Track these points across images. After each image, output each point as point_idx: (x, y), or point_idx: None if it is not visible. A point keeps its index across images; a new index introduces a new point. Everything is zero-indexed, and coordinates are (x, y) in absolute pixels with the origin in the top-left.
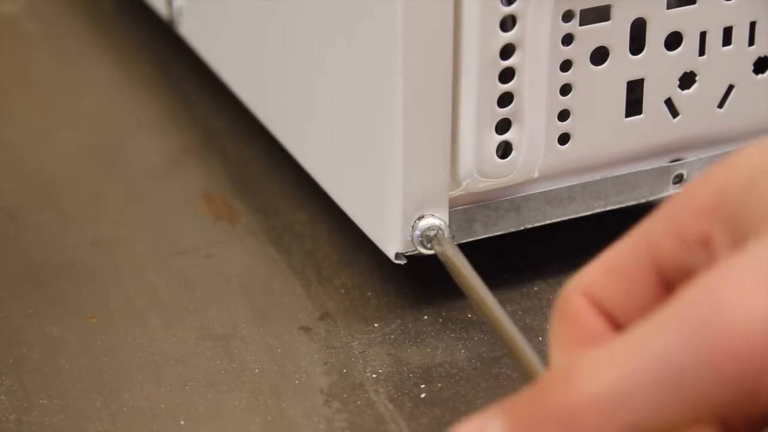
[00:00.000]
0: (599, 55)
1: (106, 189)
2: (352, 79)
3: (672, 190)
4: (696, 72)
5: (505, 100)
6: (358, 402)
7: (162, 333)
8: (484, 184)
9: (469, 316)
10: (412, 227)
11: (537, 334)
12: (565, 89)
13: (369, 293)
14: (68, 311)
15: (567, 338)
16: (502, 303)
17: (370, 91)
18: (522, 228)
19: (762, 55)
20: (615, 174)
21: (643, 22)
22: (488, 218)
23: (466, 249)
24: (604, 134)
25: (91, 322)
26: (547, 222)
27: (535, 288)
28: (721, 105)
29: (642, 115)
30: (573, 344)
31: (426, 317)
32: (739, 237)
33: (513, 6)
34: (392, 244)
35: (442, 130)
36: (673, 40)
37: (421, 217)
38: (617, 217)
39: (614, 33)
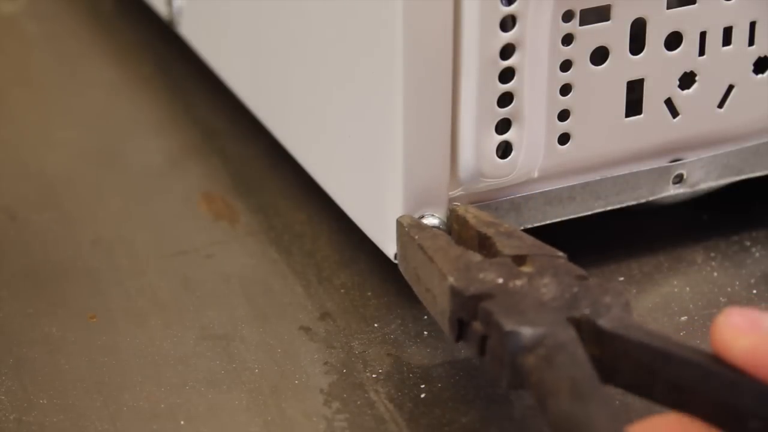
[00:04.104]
0: (599, 55)
1: (106, 189)
2: (352, 80)
3: (672, 190)
4: (696, 72)
5: (505, 100)
6: (358, 402)
7: (162, 333)
8: (484, 184)
9: None
10: None
11: None
12: (565, 89)
13: (369, 293)
14: (68, 311)
15: None
16: None
17: (370, 91)
18: (522, 228)
19: (762, 55)
20: (615, 174)
21: (643, 22)
22: None
23: None
24: (604, 134)
25: (91, 322)
26: (547, 222)
27: None
28: (721, 105)
29: (642, 115)
30: None
31: (426, 317)
32: None
33: (513, 6)
34: (392, 244)
35: (442, 130)
36: (673, 40)
37: (421, 217)
38: (617, 217)
39: (614, 33)
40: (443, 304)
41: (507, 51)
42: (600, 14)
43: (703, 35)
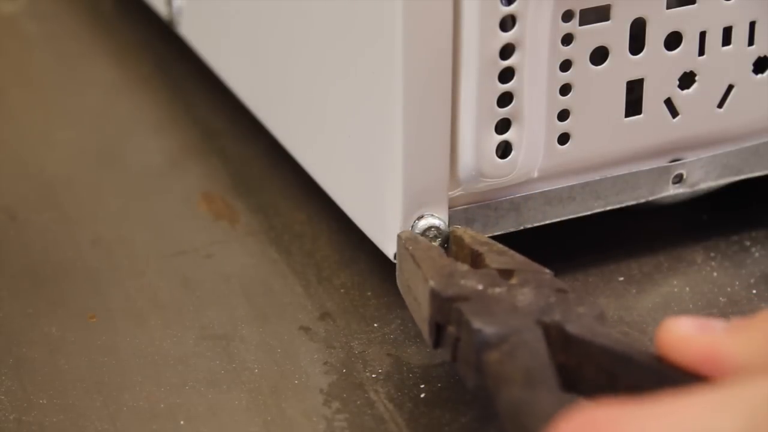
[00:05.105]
0: (599, 55)
1: (106, 189)
2: (352, 79)
3: (672, 190)
4: (696, 72)
5: (504, 100)
6: (358, 402)
7: (162, 333)
8: (484, 184)
9: None
10: (412, 227)
11: None
12: (565, 89)
13: (369, 293)
14: (68, 311)
15: None
16: None
17: (370, 91)
18: (522, 228)
19: (762, 55)
20: (615, 174)
21: (643, 22)
22: (488, 218)
23: None
24: (604, 134)
25: (91, 322)
26: (547, 222)
27: None
28: (720, 105)
29: (642, 115)
30: None
31: None
32: None
33: (513, 6)
34: (392, 244)
35: (442, 130)
36: (673, 40)
37: (420, 217)
38: (617, 217)
39: (614, 33)
40: (425, 309)
41: (507, 51)
42: (600, 14)
43: (702, 35)
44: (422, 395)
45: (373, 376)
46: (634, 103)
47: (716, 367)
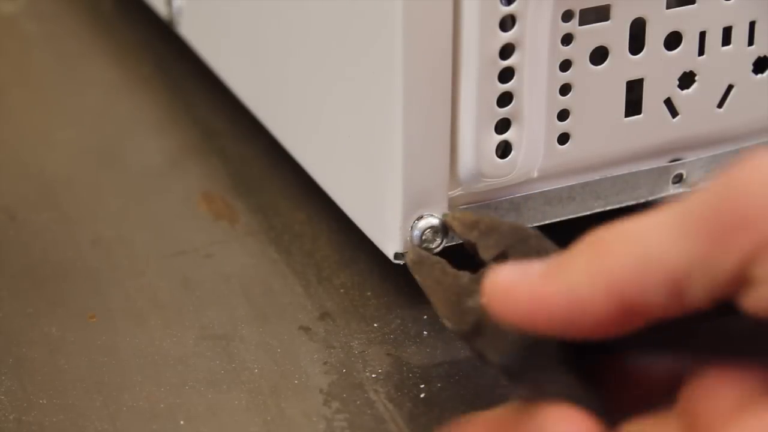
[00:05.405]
0: (599, 55)
1: (106, 189)
2: (352, 79)
3: (672, 190)
4: (695, 72)
5: (504, 99)
6: (358, 402)
7: (162, 333)
8: (483, 184)
9: None
10: (412, 227)
11: None
12: (565, 89)
13: (369, 293)
14: (68, 311)
15: None
16: None
17: (370, 91)
18: None
19: (761, 55)
20: (615, 174)
21: (642, 22)
22: None
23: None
24: (604, 134)
25: (91, 322)
26: (547, 222)
27: None
28: (720, 105)
29: (641, 115)
30: None
31: (426, 317)
32: None
33: (513, 6)
34: (391, 244)
35: (442, 130)
36: (673, 40)
37: (420, 217)
38: (617, 217)
39: (614, 33)
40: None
41: (506, 51)
42: (599, 14)
43: (702, 35)
44: (422, 395)
45: (373, 376)
46: (634, 103)
47: (541, 313)
